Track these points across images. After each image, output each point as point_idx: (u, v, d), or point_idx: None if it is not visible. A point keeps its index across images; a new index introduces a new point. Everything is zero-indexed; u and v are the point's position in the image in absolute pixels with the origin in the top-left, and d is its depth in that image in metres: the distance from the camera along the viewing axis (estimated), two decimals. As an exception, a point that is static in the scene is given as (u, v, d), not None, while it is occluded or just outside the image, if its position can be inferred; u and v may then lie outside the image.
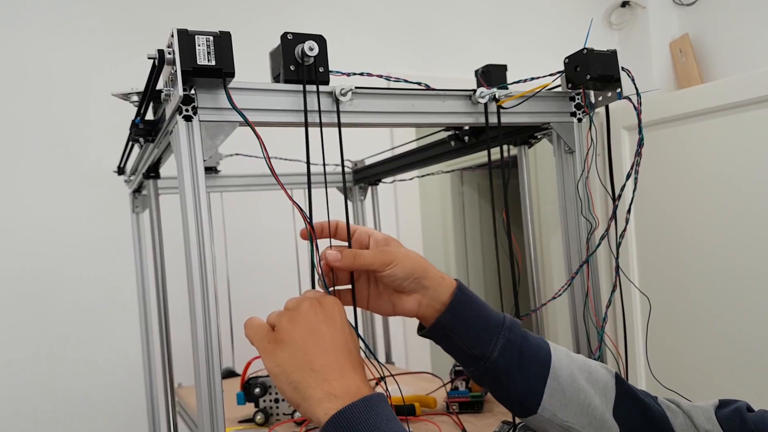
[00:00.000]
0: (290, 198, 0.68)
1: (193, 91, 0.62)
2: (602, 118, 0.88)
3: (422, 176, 1.50)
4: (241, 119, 0.63)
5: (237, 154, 1.37)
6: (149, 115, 0.83)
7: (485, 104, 0.78)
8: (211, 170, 1.37)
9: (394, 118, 0.73)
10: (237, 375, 1.45)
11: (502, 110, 0.79)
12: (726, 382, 1.90)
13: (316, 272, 0.67)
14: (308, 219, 0.66)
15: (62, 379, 1.62)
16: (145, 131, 0.83)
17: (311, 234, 0.67)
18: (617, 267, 0.83)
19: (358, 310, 0.71)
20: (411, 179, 1.52)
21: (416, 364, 1.99)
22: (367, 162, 1.52)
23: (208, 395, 0.64)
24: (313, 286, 0.69)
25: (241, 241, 1.73)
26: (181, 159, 0.62)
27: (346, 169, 1.56)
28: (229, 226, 1.61)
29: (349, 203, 1.59)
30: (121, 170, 1.32)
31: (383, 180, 1.50)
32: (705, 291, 1.96)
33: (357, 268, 0.68)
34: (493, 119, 0.79)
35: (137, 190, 1.30)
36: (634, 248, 2.18)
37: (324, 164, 0.72)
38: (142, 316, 1.36)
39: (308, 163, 0.66)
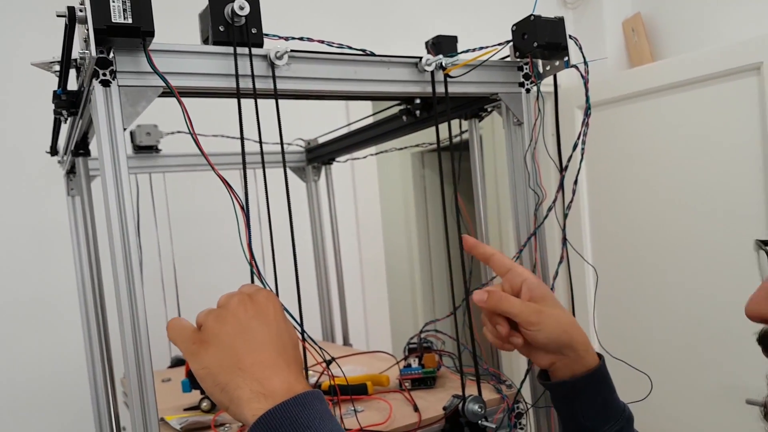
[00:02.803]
0: (222, 179, 0.64)
1: (111, 55, 0.57)
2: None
3: (377, 153, 1.46)
4: (164, 84, 0.58)
5: (179, 132, 1.31)
6: (72, 86, 0.78)
7: (432, 73, 0.75)
8: (151, 149, 1.30)
9: (335, 86, 0.69)
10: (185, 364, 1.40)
11: (449, 79, 0.76)
12: (673, 352, 1.95)
13: (251, 266, 0.64)
14: (242, 202, 0.63)
15: (2, 373, 1.55)
16: (68, 103, 0.77)
17: (245, 218, 0.63)
18: (564, 239, 0.82)
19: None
20: (365, 158, 1.48)
21: (376, 345, 1.97)
22: (320, 141, 1.47)
23: (137, 382, 0.60)
24: (252, 280, 0.66)
25: (188, 225, 1.67)
26: (99, 128, 0.57)
27: (299, 149, 1.51)
28: (176, 210, 1.55)
29: (303, 184, 1.55)
30: (53, 150, 1.24)
31: (337, 159, 1.46)
32: (654, 265, 2.00)
33: (500, 313, 0.67)
34: (440, 89, 0.77)
35: (71, 171, 1.23)
36: (587, 225, 2.20)
37: (261, 140, 0.68)
38: (82, 307, 1.29)
39: (242, 138, 0.63)
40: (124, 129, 0.58)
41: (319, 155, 1.45)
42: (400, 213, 3.58)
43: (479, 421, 0.81)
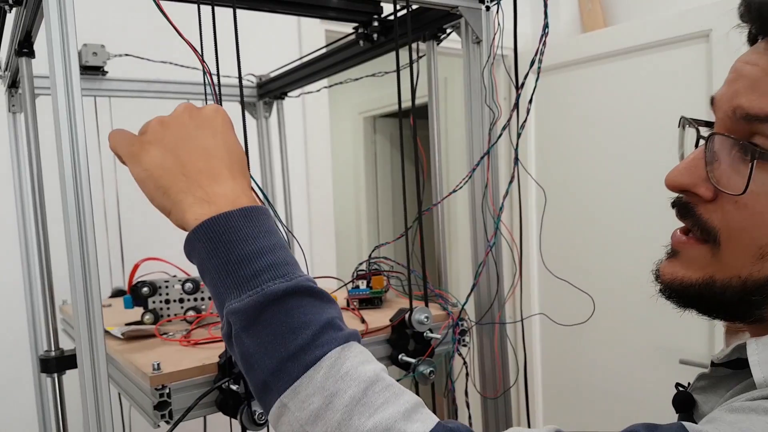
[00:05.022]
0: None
1: None
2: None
3: (330, 86, 1.45)
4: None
5: (127, 55, 1.27)
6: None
7: (393, -23, 0.75)
8: (97, 70, 1.25)
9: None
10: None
11: (409, -14, 0.76)
12: (613, 274, 1.99)
13: None
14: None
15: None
16: (12, -12, 0.73)
17: None
18: (516, 158, 0.83)
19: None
20: (318, 90, 1.47)
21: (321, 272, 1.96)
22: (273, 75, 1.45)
23: (83, 285, 0.58)
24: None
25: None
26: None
27: (250, 83, 1.48)
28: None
29: (254, 120, 1.52)
30: (-7, 63, 1.18)
31: (290, 94, 1.44)
32: (599, 220, 2.06)
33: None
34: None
35: (13, 85, 1.18)
36: (533, 170, 2.24)
37: (218, 60, 0.66)
38: (20, 229, 1.24)
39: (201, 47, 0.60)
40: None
41: (271, 89, 1.43)
42: (350, 169, 3.58)
43: (425, 333, 0.83)
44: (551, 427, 0.48)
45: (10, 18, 0.88)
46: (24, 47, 0.88)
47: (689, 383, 0.60)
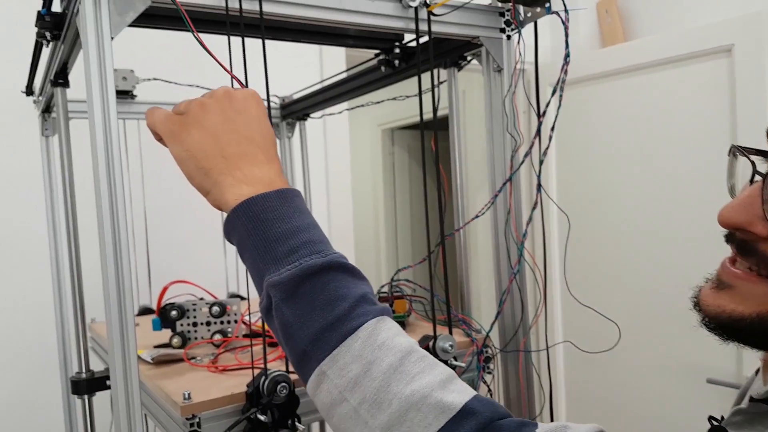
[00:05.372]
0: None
1: (101, -37, 0.57)
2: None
3: (352, 108, 1.47)
4: (153, -6, 0.58)
5: (155, 79, 1.30)
6: (56, 8, 0.77)
7: (416, 9, 0.76)
8: (127, 94, 1.29)
9: (320, 13, 0.70)
10: (154, 312, 1.40)
11: (432, 17, 0.77)
12: (638, 297, 1.97)
13: None
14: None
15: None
16: (52, 24, 0.76)
17: None
18: (539, 184, 0.84)
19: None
20: (340, 113, 1.49)
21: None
22: (296, 98, 1.47)
23: (118, 312, 0.61)
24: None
25: (161, 176, 1.65)
26: (87, 37, 0.57)
27: (274, 104, 1.51)
28: (149, 159, 1.53)
29: (276, 140, 1.54)
30: (29, 90, 1.22)
31: (311, 115, 1.47)
32: (618, 239, 2.05)
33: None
34: (423, 27, 0.78)
35: (46, 111, 1.21)
36: (554, 194, 2.24)
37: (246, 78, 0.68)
38: (52, 251, 1.28)
39: (231, 73, 0.62)
40: (112, 38, 0.58)
41: (294, 111, 1.45)
42: (368, 181, 3.60)
43: (449, 360, 0.83)
44: (594, 425, 0.48)
45: (45, 49, 0.92)
46: (60, 78, 0.91)
47: (722, 417, 0.59)
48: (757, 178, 0.50)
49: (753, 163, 0.51)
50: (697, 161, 1.83)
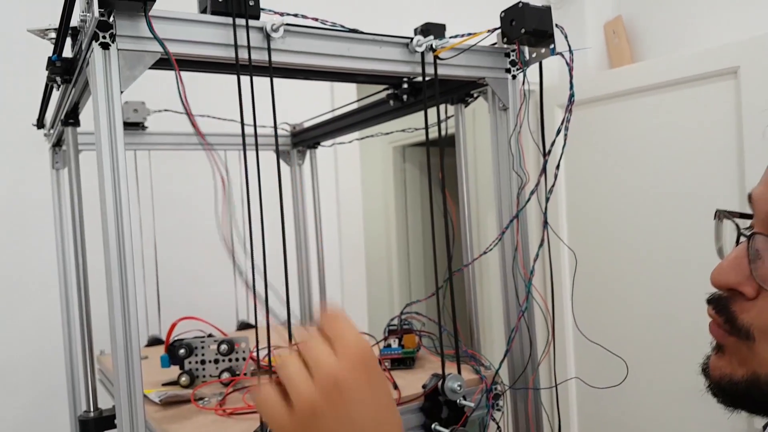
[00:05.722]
0: (214, 159, 0.65)
1: (111, 18, 0.58)
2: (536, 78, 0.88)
3: (362, 138, 1.48)
4: (162, 50, 0.59)
5: (166, 110, 1.31)
6: (67, 53, 0.78)
7: (422, 54, 0.77)
8: (138, 126, 1.30)
9: (328, 61, 0.71)
10: (163, 342, 1.40)
11: (439, 61, 0.78)
12: (647, 335, 1.97)
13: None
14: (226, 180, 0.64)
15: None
16: (62, 69, 0.78)
17: (251, 204, 0.63)
18: (545, 222, 0.84)
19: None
20: (350, 142, 1.50)
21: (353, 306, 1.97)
22: (306, 125, 1.48)
23: (124, 356, 0.61)
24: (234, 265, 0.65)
25: (171, 206, 1.66)
26: (96, 90, 0.58)
27: (284, 132, 1.52)
28: (159, 189, 1.55)
29: (287, 168, 1.55)
30: (40, 123, 1.24)
31: (322, 143, 1.47)
32: (628, 261, 2.04)
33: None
34: (430, 70, 0.78)
35: (57, 144, 1.23)
36: (564, 219, 2.24)
37: (255, 119, 0.69)
38: (61, 283, 1.29)
39: (242, 115, 0.64)
40: (121, 92, 0.59)
41: (304, 139, 1.46)
42: (379, 200, 3.61)
43: (458, 400, 0.83)
44: None
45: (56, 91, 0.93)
46: (70, 118, 0.93)
47: None
48: (743, 239, 0.51)
49: (737, 225, 0.52)
50: (705, 184, 1.82)
